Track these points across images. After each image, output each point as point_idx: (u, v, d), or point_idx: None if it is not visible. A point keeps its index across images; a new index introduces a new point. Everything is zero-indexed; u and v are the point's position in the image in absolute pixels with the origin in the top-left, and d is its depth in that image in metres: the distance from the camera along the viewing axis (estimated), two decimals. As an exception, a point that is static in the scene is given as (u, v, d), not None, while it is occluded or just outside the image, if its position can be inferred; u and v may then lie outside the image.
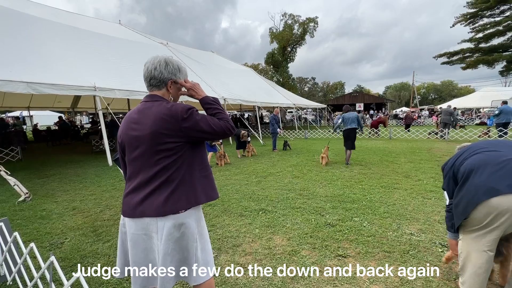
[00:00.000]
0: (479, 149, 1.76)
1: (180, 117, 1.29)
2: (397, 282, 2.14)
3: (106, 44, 10.52)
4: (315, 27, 41.36)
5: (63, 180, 6.14)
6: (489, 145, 1.78)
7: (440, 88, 71.71)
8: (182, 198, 1.34)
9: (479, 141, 1.89)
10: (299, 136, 16.06)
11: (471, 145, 1.90)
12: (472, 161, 1.71)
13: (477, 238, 1.65)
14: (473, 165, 1.68)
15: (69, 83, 6.99)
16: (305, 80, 70.07)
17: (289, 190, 4.84)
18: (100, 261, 2.55)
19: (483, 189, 1.56)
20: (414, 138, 13.08)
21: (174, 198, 1.32)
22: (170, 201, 1.31)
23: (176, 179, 1.34)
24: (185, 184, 1.36)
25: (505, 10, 25.36)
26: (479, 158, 1.70)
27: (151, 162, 1.33)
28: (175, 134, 1.30)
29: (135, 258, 1.36)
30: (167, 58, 1.40)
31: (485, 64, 26.39)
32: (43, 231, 3.32)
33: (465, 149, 1.88)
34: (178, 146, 1.32)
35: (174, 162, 1.33)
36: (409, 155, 8.30)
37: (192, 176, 1.38)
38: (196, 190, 1.38)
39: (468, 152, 1.81)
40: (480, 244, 1.64)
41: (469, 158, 1.74)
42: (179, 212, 1.33)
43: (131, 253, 1.37)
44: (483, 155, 1.71)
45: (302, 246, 2.77)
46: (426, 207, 3.77)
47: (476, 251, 1.66)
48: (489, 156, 1.67)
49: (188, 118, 1.30)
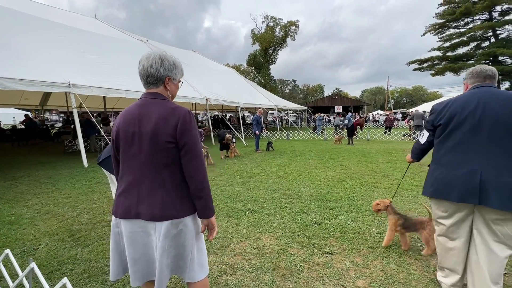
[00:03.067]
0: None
1: (182, 119, 1.28)
2: (381, 276, 2.23)
3: (81, 39, 9.96)
4: (296, 30, 42.23)
5: (33, 183, 5.72)
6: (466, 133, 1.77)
7: (411, 93, 76.01)
8: (180, 205, 1.32)
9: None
10: (281, 137, 16.26)
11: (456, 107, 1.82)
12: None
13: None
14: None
15: (41, 79, 6.54)
16: (286, 82, 71.13)
17: (274, 190, 4.88)
18: (81, 267, 2.41)
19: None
20: (390, 139, 13.75)
21: (172, 204, 1.30)
22: (168, 207, 1.29)
23: (172, 182, 1.32)
24: (181, 189, 1.34)
25: (468, 22, 27.53)
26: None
27: (148, 161, 1.29)
28: (175, 135, 1.27)
29: (134, 254, 1.34)
30: (161, 54, 1.37)
31: (451, 71, 28.42)
32: (13, 237, 3.07)
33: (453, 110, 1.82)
34: (174, 147, 1.29)
35: (171, 163, 1.31)
36: (386, 155, 8.71)
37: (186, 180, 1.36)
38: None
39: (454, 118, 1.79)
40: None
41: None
42: (177, 218, 1.31)
43: (129, 250, 1.34)
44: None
45: (290, 245, 2.81)
46: (404, 205, 3.98)
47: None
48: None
49: (188, 122, 1.30)
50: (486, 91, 1.75)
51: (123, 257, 1.40)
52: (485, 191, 1.63)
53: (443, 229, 1.91)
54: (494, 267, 1.73)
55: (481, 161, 1.67)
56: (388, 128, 17.99)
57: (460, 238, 1.84)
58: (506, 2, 23.49)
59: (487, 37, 27.25)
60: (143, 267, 1.37)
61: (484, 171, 1.65)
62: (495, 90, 1.76)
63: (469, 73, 1.93)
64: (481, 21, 26.67)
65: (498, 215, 1.66)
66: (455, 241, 1.86)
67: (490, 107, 1.68)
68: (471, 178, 1.67)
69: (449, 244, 1.89)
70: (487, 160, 1.66)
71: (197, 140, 1.33)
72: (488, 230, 1.73)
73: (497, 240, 1.71)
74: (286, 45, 43.50)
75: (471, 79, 1.91)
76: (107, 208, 4.04)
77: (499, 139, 1.64)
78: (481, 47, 27.61)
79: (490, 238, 1.73)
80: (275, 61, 44.80)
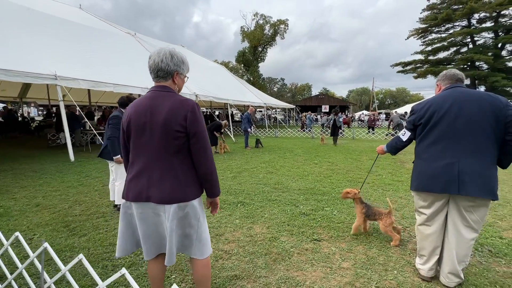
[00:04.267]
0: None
1: (191, 110, 1.41)
2: (364, 259, 2.46)
3: (67, 30, 9.66)
4: (285, 29, 42.49)
5: (18, 176, 5.59)
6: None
7: (395, 94, 78.62)
8: (187, 189, 1.45)
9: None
10: (270, 134, 16.49)
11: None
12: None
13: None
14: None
15: (25, 70, 6.35)
16: (274, 80, 71.51)
17: (264, 185, 5.05)
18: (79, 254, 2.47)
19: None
20: (374, 138, 14.30)
21: (180, 188, 1.43)
22: (176, 191, 1.42)
23: (181, 168, 1.45)
24: (189, 175, 1.47)
25: (449, 28, 28.84)
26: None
27: (158, 148, 1.42)
28: (184, 124, 1.40)
29: (147, 231, 1.48)
30: (171, 50, 1.49)
31: (432, 74, 29.69)
32: (5, 228, 3.06)
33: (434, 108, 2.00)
34: (184, 136, 1.42)
35: (180, 151, 1.44)
36: (370, 153, 9.11)
37: (193, 167, 1.49)
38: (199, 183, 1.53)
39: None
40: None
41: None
42: (184, 201, 1.44)
43: (142, 228, 1.48)
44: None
45: (281, 233, 2.99)
46: (385, 198, 4.26)
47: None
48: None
49: (197, 112, 1.43)
50: (459, 91, 1.97)
51: (136, 234, 1.53)
52: (463, 182, 1.84)
53: (423, 218, 2.12)
54: (462, 248, 1.98)
55: (457, 155, 1.88)
56: (370, 127, 18.55)
57: (437, 225, 2.06)
58: (483, 11, 24.82)
59: (466, 43, 28.69)
60: (154, 242, 1.52)
61: (461, 163, 1.86)
62: (467, 90, 1.99)
63: (443, 76, 2.16)
64: (460, 28, 28.03)
65: (471, 202, 1.90)
66: (433, 227, 2.08)
67: (464, 106, 1.89)
68: (450, 170, 1.88)
69: (428, 231, 2.10)
70: (462, 154, 1.87)
71: (205, 129, 1.47)
72: (459, 216, 1.97)
73: (466, 225, 1.96)
74: (275, 44, 43.76)
75: (444, 81, 2.13)
76: (99, 201, 4.06)
77: (472, 135, 1.86)
78: (460, 52, 29.05)
79: (460, 223, 1.97)
80: (264, 59, 44.96)
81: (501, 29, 25.97)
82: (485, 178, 1.84)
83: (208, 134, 1.51)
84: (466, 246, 1.98)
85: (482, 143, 1.85)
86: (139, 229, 1.48)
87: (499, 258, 2.47)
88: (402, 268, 2.32)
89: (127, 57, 11.16)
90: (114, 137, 3.42)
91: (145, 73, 11.05)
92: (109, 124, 3.48)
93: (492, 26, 26.07)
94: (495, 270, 2.28)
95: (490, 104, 1.84)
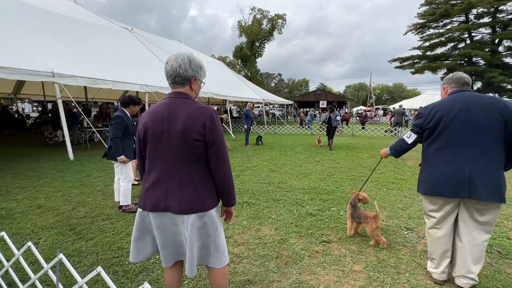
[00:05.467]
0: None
1: (210, 118, 1.37)
2: (375, 261, 2.46)
3: (62, 25, 9.43)
4: (283, 24, 42.13)
5: (17, 176, 5.50)
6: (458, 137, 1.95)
7: (392, 90, 78.87)
8: (205, 199, 1.42)
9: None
10: (269, 131, 16.45)
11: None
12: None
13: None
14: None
15: (22, 67, 6.19)
16: (271, 75, 71.11)
17: (268, 184, 5.04)
18: (89, 259, 2.44)
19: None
20: (373, 135, 14.34)
21: (198, 198, 1.40)
22: (195, 201, 1.39)
23: (199, 177, 1.41)
24: (207, 184, 1.44)
25: (447, 24, 28.81)
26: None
27: (177, 157, 1.38)
28: (202, 133, 1.36)
29: (164, 240, 1.46)
30: (189, 55, 1.44)
31: (430, 70, 29.77)
32: (10, 232, 3.00)
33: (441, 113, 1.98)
34: (202, 145, 1.38)
35: (198, 160, 1.40)
36: (370, 150, 9.13)
37: (211, 175, 1.46)
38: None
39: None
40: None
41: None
42: (203, 211, 1.41)
43: (159, 237, 1.45)
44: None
45: (289, 235, 2.98)
46: (390, 197, 4.28)
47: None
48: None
49: (215, 121, 1.39)
50: (467, 96, 1.96)
51: (154, 241, 1.53)
52: (474, 186, 1.84)
53: (433, 221, 2.12)
54: (476, 250, 1.99)
55: (468, 160, 1.88)
56: (362, 124, 18.52)
57: (447, 228, 2.07)
58: (481, 6, 24.81)
59: (463, 38, 28.72)
60: (172, 250, 1.50)
61: (471, 168, 1.86)
62: (475, 94, 1.98)
63: (449, 79, 2.14)
64: (458, 23, 28.01)
65: (482, 205, 1.90)
66: (443, 230, 2.08)
67: (473, 111, 1.88)
68: (461, 174, 1.88)
69: (438, 234, 2.10)
70: (472, 159, 1.87)
71: (223, 138, 1.43)
72: (471, 218, 1.97)
73: (478, 227, 1.96)
74: (273, 39, 43.39)
75: (451, 84, 2.11)
76: (103, 202, 4.01)
77: (481, 139, 1.86)
78: (458, 48, 29.08)
79: (473, 226, 1.97)
80: (261, 54, 44.63)
81: (499, 25, 26.02)
82: (494, 183, 1.85)
83: None
84: (479, 248, 1.99)
85: (491, 147, 1.86)
86: (157, 237, 1.46)
87: (509, 260, 2.49)
88: (414, 270, 2.32)
89: (124, 52, 10.97)
90: (117, 138, 3.39)
91: (143, 69, 10.87)
92: (111, 125, 3.43)
93: (490, 22, 26.10)
94: (506, 272, 2.30)
95: (499, 109, 1.84)
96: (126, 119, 3.53)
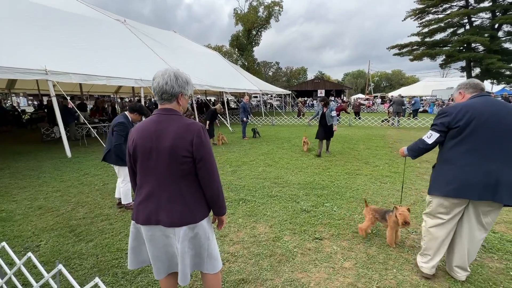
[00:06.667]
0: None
1: (197, 134, 1.41)
2: (365, 258, 2.57)
3: (52, 19, 9.21)
4: (279, 11, 41.16)
5: (16, 175, 5.55)
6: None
7: (390, 77, 78.21)
8: (196, 211, 1.48)
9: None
10: (266, 122, 16.44)
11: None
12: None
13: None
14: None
15: (14, 65, 6.11)
16: (269, 64, 70.20)
17: (264, 179, 5.12)
18: (89, 261, 2.53)
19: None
20: (370, 125, 14.37)
21: (189, 211, 1.46)
22: (185, 214, 1.45)
23: (188, 191, 1.47)
24: (197, 197, 1.49)
25: (446, 8, 28.25)
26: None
27: (166, 173, 1.42)
28: (190, 149, 1.40)
29: (156, 253, 1.52)
30: (176, 72, 1.46)
31: (428, 57, 29.40)
32: (11, 235, 3.09)
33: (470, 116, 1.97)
34: (191, 161, 1.42)
35: (187, 175, 1.45)
36: (366, 141, 9.20)
37: (201, 188, 1.51)
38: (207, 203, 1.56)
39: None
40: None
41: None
42: (193, 223, 1.47)
43: (151, 250, 1.51)
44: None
45: (283, 232, 3.08)
46: (383, 191, 4.38)
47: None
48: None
49: (202, 136, 1.43)
50: (493, 100, 2.00)
51: (143, 254, 1.60)
52: (497, 190, 1.90)
53: (438, 222, 2.17)
54: (474, 246, 2.12)
55: (495, 164, 1.92)
56: (356, 113, 18.28)
57: (450, 228, 2.14)
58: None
59: (463, 24, 28.23)
60: (164, 263, 1.56)
61: (500, 172, 1.90)
62: (498, 100, 2.04)
63: (466, 84, 2.16)
64: (458, 8, 27.47)
65: (489, 207, 1.99)
66: (446, 230, 2.15)
67: (503, 116, 1.92)
68: (488, 179, 1.91)
69: (439, 233, 2.17)
70: (501, 163, 1.91)
71: (211, 152, 1.48)
72: (476, 220, 2.06)
73: (480, 227, 2.07)
74: (269, 27, 42.53)
75: (469, 89, 2.15)
76: (102, 202, 4.09)
77: (508, 144, 1.91)
78: (457, 33, 28.64)
79: (475, 226, 2.07)
80: (258, 43, 43.88)
81: (499, 9, 25.54)
82: None
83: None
84: (477, 245, 2.12)
85: None
86: (148, 250, 1.52)
87: (492, 254, 2.61)
88: (401, 266, 2.43)
89: (118, 46, 10.78)
90: (120, 144, 3.48)
91: (137, 63, 10.69)
92: (114, 131, 3.50)
93: (490, 6, 25.60)
94: (488, 266, 2.41)
95: None
96: (128, 125, 3.56)
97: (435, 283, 2.20)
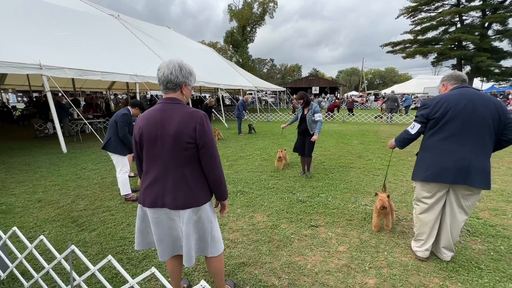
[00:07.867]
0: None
1: (200, 122, 1.49)
2: (358, 242, 2.72)
3: (47, 14, 9.10)
4: (274, 7, 41.06)
5: (12, 170, 5.53)
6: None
7: (384, 74, 79.05)
8: (199, 195, 1.57)
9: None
10: (262, 119, 16.55)
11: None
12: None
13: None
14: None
15: (7, 60, 6.06)
16: (264, 61, 70.11)
17: (261, 172, 5.24)
18: (94, 249, 2.61)
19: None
20: (363, 121, 14.62)
21: (193, 195, 1.55)
22: (189, 198, 1.54)
23: (192, 176, 1.56)
24: (200, 182, 1.59)
25: (438, 7, 28.69)
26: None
27: (171, 159, 1.51)
28: (193, 136, 1.49)
29: (162, 236, 1.61)
30: (180, 62, 1.55)
31: (421, 54, 29.87)
32: (13, 226, 3.12)
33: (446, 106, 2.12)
34: (194, 147, 1.52)
35: (191, 160, 1.54)
36: (360, 137, 9.41)
37: (203, 174, 1.60)
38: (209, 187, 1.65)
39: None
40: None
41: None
42: (197, 206, 1.57)
43: (156, 232, 1.60)
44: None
45: (281, 221, 3.21)
46: (375, 183, 4.55)
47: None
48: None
49: (205, 124, 1.52)
50: (471, 92, 2.14)
51: (150, 236, 1.69)
52: (470, 175, 2.06)
53: (424, 207, 2.34)
54: (456, 229, 2.29)
55: (468, 150, 2.08)
56: (349, 110, 18.49)
57: (436, 212, 2.31)
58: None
59: (454, 22, 28.74)
60: (168, 245, 1.65)
61: (471, 158, 2.07)
62: (476, 91, 2.18)
63: (449, 76, 2.32)
64: (450, 6, 27.93)
65: (468, 191, 2.15)
66: (432, 214, 2.32)
67: (478, 106, 2.07)
68: (461, 163, 2.08)
69: (428, 218, 2.34)
70: (472, 150, 2.08)
71: (213, 139, 1.57)
72: (457, 203, 2.22)
73: (461, 210, 2.23)
74: (264, 23, 42.43)
75: (451, 81, 2.29)
76: (102, 195, 4.15)
77: (482, 132, 2.07)
78: (448, 32, 29.15)
79: (457, 209, 2.24)
80: (253, 40, 43.76)
81: (489, 8, 26.09)
82: (487, 172, 2.08)
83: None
84: (459, 227, 2.29)
85: (487, 140, 2.08)
86: (154, 233, 1.61)
87: (475, 237, 2.79)
88: (392, 249, 2.59)
89: (112, 41, 10.69)
90: (126, 134, 3.73)
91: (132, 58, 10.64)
92: (120, 121, 3.71)
93: (481, 5, 26.12)
94: (471, 248, 2.59)
95: (496, 106, 2.06)
96: (132, 117, 3.88)
97: (422, 264, 2.37)
